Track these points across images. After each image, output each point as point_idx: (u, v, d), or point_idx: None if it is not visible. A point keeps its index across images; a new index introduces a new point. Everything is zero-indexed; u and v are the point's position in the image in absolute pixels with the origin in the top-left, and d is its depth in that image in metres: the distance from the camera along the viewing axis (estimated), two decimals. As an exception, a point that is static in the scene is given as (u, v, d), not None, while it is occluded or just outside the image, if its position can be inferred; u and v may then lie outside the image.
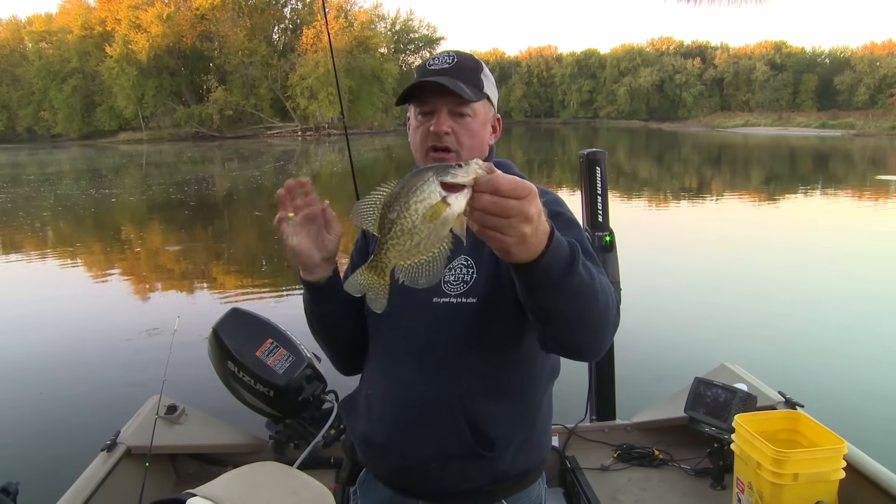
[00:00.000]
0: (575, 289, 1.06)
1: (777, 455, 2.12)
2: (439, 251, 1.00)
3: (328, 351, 1.71)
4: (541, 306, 1.10)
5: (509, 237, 0.95)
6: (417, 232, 0.97)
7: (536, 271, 1.01)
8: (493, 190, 0.92)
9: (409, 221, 0.97)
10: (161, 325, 6.92)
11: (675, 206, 16.33)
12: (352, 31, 60.77)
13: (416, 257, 1.00)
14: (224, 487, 1.42)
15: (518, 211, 0.93)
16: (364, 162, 31.11)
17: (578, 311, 1.10)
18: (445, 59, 1.48)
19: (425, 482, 1.50)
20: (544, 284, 1.04)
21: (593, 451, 2.91)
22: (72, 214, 17.05)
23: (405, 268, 1.02)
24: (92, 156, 42.83)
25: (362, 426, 1.57)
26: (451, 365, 1.44)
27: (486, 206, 0.93)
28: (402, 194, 0.97)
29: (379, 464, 1.57)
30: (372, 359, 1.60)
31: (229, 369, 2.55)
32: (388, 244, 1.00)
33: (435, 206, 0.95)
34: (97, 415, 4.77)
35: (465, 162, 0.95)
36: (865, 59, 71.87)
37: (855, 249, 10.20)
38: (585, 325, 1.14)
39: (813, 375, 5.28)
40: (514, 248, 0.96)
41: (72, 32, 62.35)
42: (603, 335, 1.19)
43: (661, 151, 37.87)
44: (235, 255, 11.43)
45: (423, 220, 0.96)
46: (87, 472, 2.39)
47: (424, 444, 1.45)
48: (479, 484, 1.48)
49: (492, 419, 1.45)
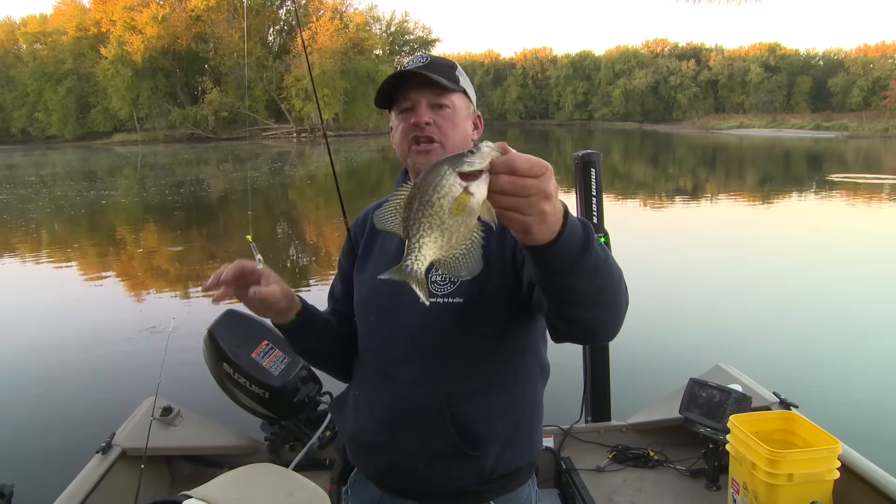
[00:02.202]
0: (593, 265, 1.05)
1: (772, 455, 2.12)
2: (472, 241, 0.97)
3: (325, 370, 1.78)
4: (560, 287, 1.09)
5: (529, 216, 0.94)
6: (447, 227, 0.95)
7: (556, 251, 1.00)
8: (510, 170, 0.91)
9: (436, 218, 0.94)
10: (156, 326, 6.90)
11: (670, 207, 16.37)
12: (347, 32, 60.75)
13: (451, 252, 0.97)
14: (220, 489, 1.42)
15: (537, 189, 0.92)
16: (359, 163, 31.09)
17: (597, 287, 1.10)
18: (419, 60, 1.53)
19: (413, 482, 1.50)
20: (564, 264, 1.03)
21: (588, 452, 2.92)
22: (66, 216, 17.00)
23: (443, 264, 0.99)
24: (87, 157, 42.71)
25: (351, 426, 1.58)
26: (436, 365, 1.46)
27: (504, 187, 0.91)
28: (423, 192, 0.94)
29: (368, 463, 1.58)
30: (361, 360, 1.62)
31: (224, 371, 2.55)
32: (420, 243, 0.97)
33: (459, 198, 0.92)
34: (92, 417, 4.74)
35: (475, 147, 0.93)
36: (859, 61, 72.08)
37: (850, 251, 10.24)
38: (604, 302, 1.14)
39: (807, 376, 5.28)
40: (536, 227, 0.95)
41: (67, 34, 62.19)
42: (619, 311, 1.17)
43: (656, 153, 37.95)
44: (231, 257, 11.35)
45: (450, 214, 0.93)
46: (83, 474, 2.39)
47: (411, 443, 1.46)
48: (466, 483, 1.48)
49: (477, 418, 1.45)
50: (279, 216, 16.37)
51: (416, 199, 0.95)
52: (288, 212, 17.19)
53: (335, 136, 57.35)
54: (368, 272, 1.59)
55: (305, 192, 21.99)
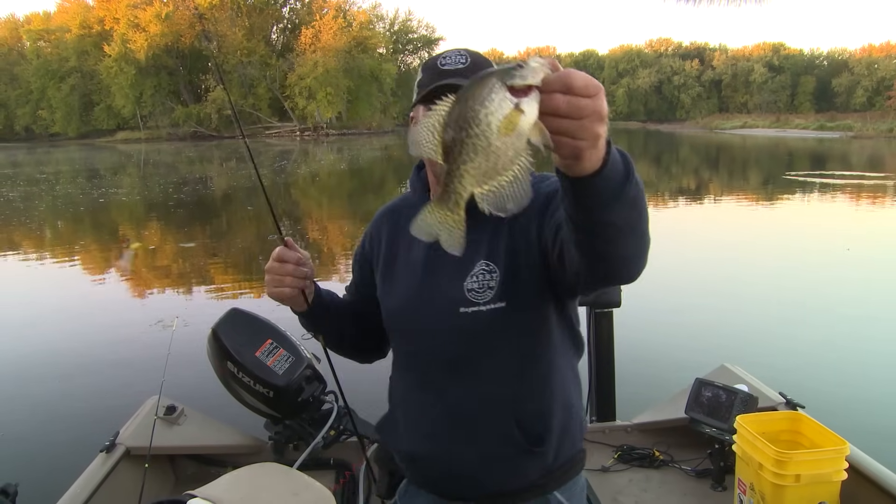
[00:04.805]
0: (632, 196, 0.99)
1: (779, 456, 2.11)
2: (521, 167, 0.86)
3: (345, 355, 1.77)
4: (597, 221, 1.01)
5: (582, 140, 0.85)
6: (494, 150, 0.84)
7: (600, 181, 0.94)
8: (566, 88, 0.82)
9: (482, 139, 0.83)
10: (160, 324, 6.90)
11: (674, 206, 16.33)
12: (350, 31, 60.78)
13: (496, 179, 0.86)
14: (225, 489, 1.42)
15: (592, 109, 0.83)
16: (362, 162, 31.10)
17: (633, 219, 1.03)
18: (459, 59, 1.43)
19: (473, 487, 1.49)
20: (607, 195, 0.96)
21: (594, 452, 2.90)
22: (70, 213, 17.03)
23: (486, 194, 0.87)
24: (90, 155, 42.76)
25: (406, 444, 1.55)
26: (491, 371, 1.43)
27: (558, 107, 0.82)
28: (468, 108, 0.83)
29: (427, 475, 1.56)
30: (402, 377, 1.59)
31: (229, 370, 2.54)
32: (462, 170, 0.86)
33: (509, 115, 0.82)
34: (96, 415, 4.74)
35: (523, 61, 0.84)
36: (863, 61, 71.99)
37: (856, 251, 10.20)
38: (637, 235, 1.07)
39: (814, 376, 5.27)
40: (587, 151, 0.88)
41: (70, 31, 62.30)
42: (646, 246, 1.11)
43: (660, 152, 37.87)
44: (234, 255, 11.41)
45: (498, 134, 0.83)
46: (86, 473, 2.38)
47: (474, 452, 1.45)
48: (532, 479, 1.48)
49: (537, 415, 1.45)
50: (282, 214, 16.39)
51: (459, 117, 0.84)
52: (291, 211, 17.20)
53: (338, 135, 57.40)
54: (400, 284, 1.53)
55: (309, 191, 21.99)
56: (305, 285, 1.50)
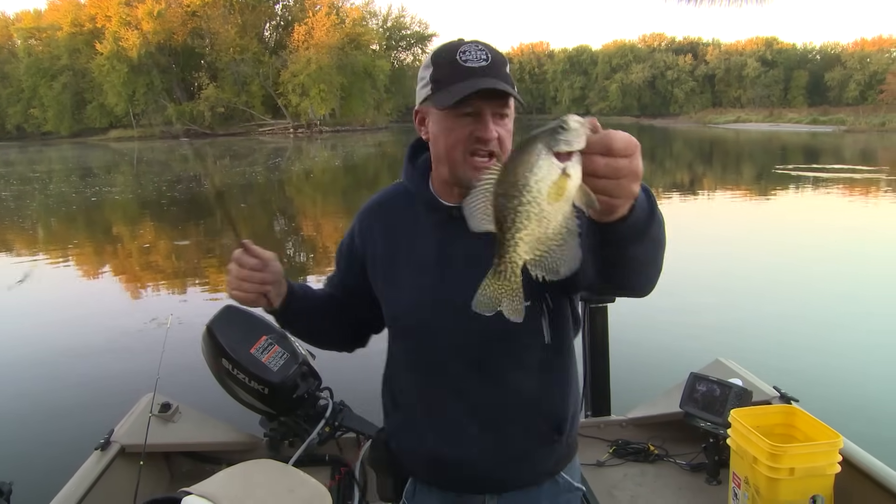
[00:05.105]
0: (655, 234, 1.03)
1: (773, 449, 2.12)
2: (569, 231, 0.86)
3: (323, 347, 1.77)
4: (620, 255, 1.03)
5: (618, 199, 0.87)
6: (546, 216, 0.84)
7: (627, 226, 0.95)
8: (606, 150, 0.83)
9: (535, 206, 0.83)
10: (154, 322, 6.89)
11: (668, 201, 16.34)
12: (343, 27, 60.60)
13: (547, 244, 0.86)
14: (221, 486, 1.42)
15: (629, 170, 0.85)
16: (356, 159, 31.04)
17: (654, 252, 1.07)
18: (480, 56, 1.33)
19: (498, 482, 1.50)
20: (632, 235, 0.98)
21: (588, 447, 2.91)
22: (63, 212, 16.96)
23: (539, 261, 0.87)
24: (83, 153, 42.56)
25: (428, 445, 1.51)
26: (516, 368, 1.44)
27: (598, 169, 0.83)
28: (518, 176, 0.83)
29: (451, 476, 1.53)
30: (412, 378, 1.55)
31: (223, 367, 2.53)
32: (516, 238, 0.86)
33: (557, 181, 0.82)
34: (90, 413, 4.74)
35: (563, 122, 0.83)
36: (856, 55, 72.11)
37: (848, 245, 10.24)
38: (656, 265, 1.13)
39: (807, 370, 5.29)
40: (622, 209, 0.89)
41: (61, 29, 61.82)
42: (660, 268, 1.16)
43: (653, 147, 37.91)
44: (229, 252, 11.34)
45: (549, 200, 0.83)
46: (81, 471, 2.37)
47: (502, 449, 1.46)
48: (549, 466, 1.52)
49: (560, 406, 1.49)
50: (276, 211, 16.35)
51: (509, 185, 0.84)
52: (285, 208, 17.16)
53: (332, 132, 57.28)
54: (407, 283, 1.48)
55: (303, 188, 21.94)
56: (266, 290, 1.44)
